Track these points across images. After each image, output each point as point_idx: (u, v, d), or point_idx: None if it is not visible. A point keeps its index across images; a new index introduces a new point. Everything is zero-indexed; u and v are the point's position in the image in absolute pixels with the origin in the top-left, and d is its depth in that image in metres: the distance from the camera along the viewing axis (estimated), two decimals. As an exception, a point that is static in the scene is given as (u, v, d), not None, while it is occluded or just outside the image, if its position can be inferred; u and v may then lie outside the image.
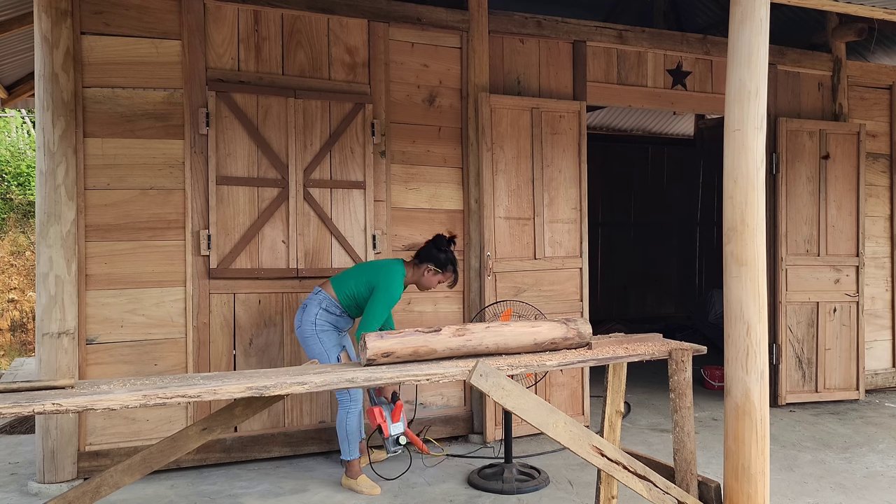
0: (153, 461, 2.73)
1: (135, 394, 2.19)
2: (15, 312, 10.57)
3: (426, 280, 4.01)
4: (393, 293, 3.83)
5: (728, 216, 2.84)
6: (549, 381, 5.04)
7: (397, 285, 3.86)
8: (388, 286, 3.83)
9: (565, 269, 5.16)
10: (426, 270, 3.99)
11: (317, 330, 3.89)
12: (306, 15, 4.54)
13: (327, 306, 3.93)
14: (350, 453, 3.98)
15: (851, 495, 3.93)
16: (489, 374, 2.57)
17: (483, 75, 4.94)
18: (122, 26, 4.16)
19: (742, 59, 2.80)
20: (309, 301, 3.96)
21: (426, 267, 3.99)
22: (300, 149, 4.47)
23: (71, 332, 3.97)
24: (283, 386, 2.34)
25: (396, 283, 3.86)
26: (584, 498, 3.85)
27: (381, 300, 3.79)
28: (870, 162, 6.28)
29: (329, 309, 3.93)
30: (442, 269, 3.99)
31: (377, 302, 3.79)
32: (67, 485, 3.94)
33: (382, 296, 3.80)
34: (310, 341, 3.90)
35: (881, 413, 5.73)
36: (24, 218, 11.30)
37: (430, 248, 4.01)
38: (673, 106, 5.81)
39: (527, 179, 5.04)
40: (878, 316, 6.36)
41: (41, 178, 3.97)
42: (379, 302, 3.79)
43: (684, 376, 2.90)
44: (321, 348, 3.87)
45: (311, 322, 3.90)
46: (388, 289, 3.83)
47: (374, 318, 3.75)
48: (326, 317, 3.92)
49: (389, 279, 3.85)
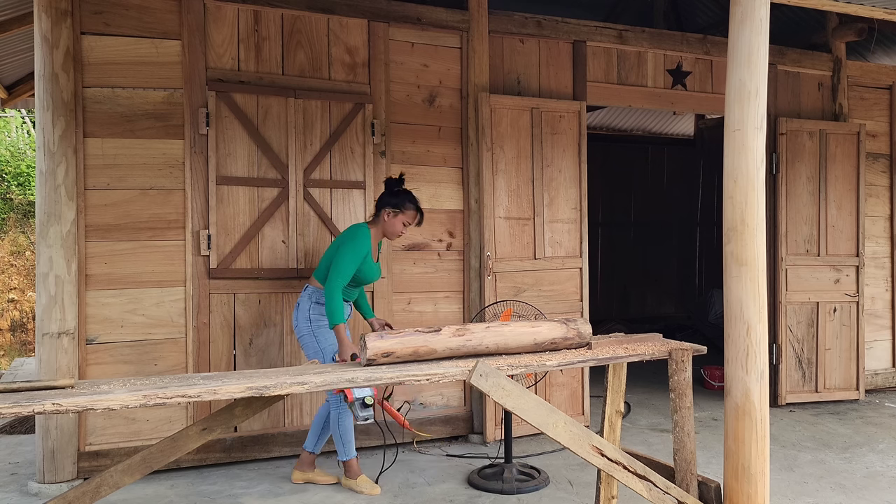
0: (153, 461, 2.73)
1: (135, 394, 2.19)
2: (15, 312, 10.57)
3: (390, 226, 3.94)
4: (357, 245, 3.77)
5: (728, 216, 2.84)
6: (549, 381, 5.04)
7: (362, 238, 3.80)
8: (352, 239, 3.79)
9: (565, 269, 5.16)
10: (385, 216, 3.92)
11: (312, 326, 3.86)
12: (306, 15, 4.54)
13: (318, 298, 3.88)
14: (346, 453, 3.97)
15: (851, 495, 3.93)
16: (489, 374, 2.57)
17: (483, 75, 4.94)
18: (122, 26, 4.16)
19: (742, 59, 2.80)
20: (300, 299, 3.94)
21: (384, 213, 3.92)
22: (300, 149, 4.47)
23: (71, 332, 3.97)
24: (283, 386, 2.34)
25: (360, 236, 3.81)
26: (584, 498, 3.85)
27: (346, 253, 3.74)
28: (870, 162, 6.29)
29: (320, 300, 3.88)
30: (400, 208, 3.91)
31: (342, 255, 3.74)
32: (67, 485, 3.94)
33: (347, 248, 3.76)
34: (306, 339, 3.88)
35: (881, 413, 5.73)
36: (24, 218, 11.30)
37: (381, 196, 3.98)
38: (673, 106, 5.81)
39: (527, 179, 5.04)
40: (878, 316, 6.36)
41: (41, 178, 3.97)
42: (343, 255, 3.74)
43: (684, 376, 2.90)
44: (317, 347, 3.84)
45: (305, 318, 3.88)
46: (352, 240, 3.78)
47: (339, 272, 3.70)
48: (319, 309, 3.87)
49: (352, 235, 3.83)
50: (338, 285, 3.68)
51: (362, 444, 4.66)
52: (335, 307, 3.65)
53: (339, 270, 3.71)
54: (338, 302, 3.66)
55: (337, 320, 3.64)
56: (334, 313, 3.65)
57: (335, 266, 3.72)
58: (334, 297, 3.66)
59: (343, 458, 3.99)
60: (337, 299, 3.66)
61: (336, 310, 3.65)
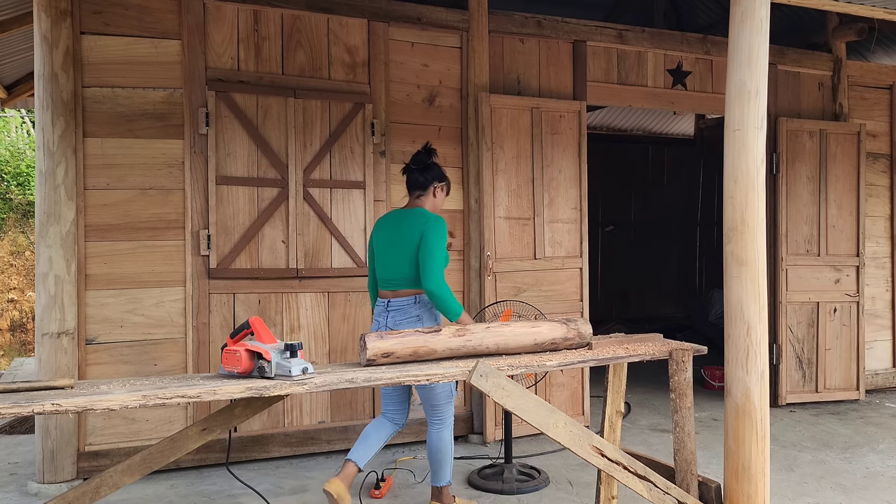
0: (153, 461, 2.72)
1: (134, 394, 2.18)
2: (14, 312, 10.56)
3: (439, 201, 3.57)
4: (441, 228, 3.35)
5: (728, 216, 2.84)
6: (549, 381, 5.04)
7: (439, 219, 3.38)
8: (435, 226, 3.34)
9: (565, 269, 5.15)
10: (436, 191, 3.53)
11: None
12: (306, 15, 4.54)
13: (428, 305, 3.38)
14: (449, 477, 3.49)
15: (852, 495, 3.92)
16: (489, 375, 2.56)
17: (483, 75, 4.94)
18: (121, 26, 4.16)
19: (742, 58, 2.80)
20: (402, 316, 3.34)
21: (435, 188, 3.52)
22: (300, 149, 4.47)
23: (71, 333, 3.96)
24: (283, 386, 2.34)
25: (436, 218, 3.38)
26: (584, 498, 3.85)
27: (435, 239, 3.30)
28: (870, 162, 6.28)
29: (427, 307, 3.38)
30: (446, 179, 3.57)
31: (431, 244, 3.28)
32: (67, 485, 3.93)
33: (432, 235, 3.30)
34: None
35: (881, 413, 5.73)
36: (24, 218, 11.29)
37: (427, 171, 3.49)
38: (673, 106, 5.81)
39: (527, 179, 5.03)
40: (878, 316, 6.36)
41: (41, 178, 3.96)
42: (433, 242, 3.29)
43: (685, 376, 2.90)
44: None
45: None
46: (435, 227, 3.33)
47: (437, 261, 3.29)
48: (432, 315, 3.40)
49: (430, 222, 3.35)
50: (441, 276, 3.28)
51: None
52: (450, 298, 3.25)
53: (436, 259, 3.28)
54: (449, 292, 3.27)
55: (458, 310, 3.26)
56: (451, 305, 3.25)
57: (430, 258, 3.26)
58: (444, 288, 3.25)
59: (444, 483, 3.48)
60: (447, 290, 3.26)
61: (451, 301, 3.25)
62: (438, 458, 3.46)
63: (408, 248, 3.34)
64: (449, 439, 3.46)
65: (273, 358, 2.38)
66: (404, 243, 3.36)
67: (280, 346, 2.43)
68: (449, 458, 3.47)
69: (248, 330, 2.51)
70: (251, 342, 2.45)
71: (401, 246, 3.37)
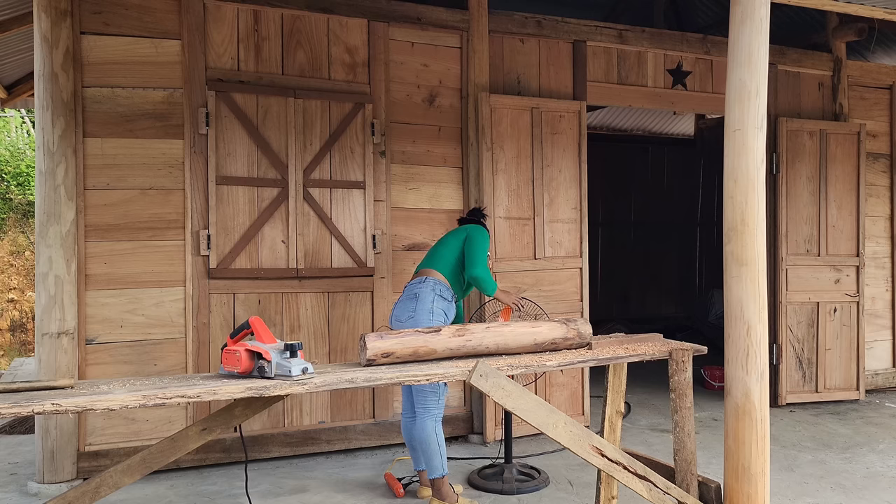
0: (153, 461, 2.72)
1: (134, 394, 2.18)
2: (14, 312, 10.56)
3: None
4: (486, 239, 3.85)
5: (728, 216, 2.84)
6: (549, 381, 5.04)
7: (485, 233, 3.91)
8: (481, 235, 3.85)
9: (565, 269, 5.15)
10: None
11: (434, 320, 3.59)
12: (306, 15, 4.54)
13: (441, 291, 3.68)
14: (442, 467, 3.61)
15: (852, 495, 3.92)
16: (489, 375, 2.56)
17: (483, 75, 4.94)
18: (121, 26, 4.16)
19: (742, 58, 2.80)
20: (419, 290, 3.67)
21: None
22: (300, 149, 4.47)
23: (70, 333, 3.96)
24: (282, 386, 2.34)
25: (483, 231, 3.91)
26: (584, 498, 3.85)
27: (480, 244, 3.79)
28: (870, 162, 6.28)
29: (443, 294, 3.68)
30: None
31: (477, 245, 3.78)
32: (67, 485, 3.93)
33: (478, 240, 3.80)
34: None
35: (881, 413, 5.73)
36: (24, 218, 11.29)
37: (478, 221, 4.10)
38: (673, 106, 5.81)
39: (527, 179, 5.03)
40: (878, 316, 6.36)
41: (41, 178, 3.96)
42: (479, 245, 3.78)
43: (685, 376, 2.90)
44: None
45: (427, 311, 3.59)
46: (481, 236, 3.84)
47: (482, 258, 3.76)
48: (442, 304, 3.65)
49: (479, 230, 3.90)
50: (486, 267, 3.74)
51: (362, 445, 4.66)
52: (489, 278, 3.72)
53: (481, 257, 3.75)
54: (489, 274, 3.74)
55: (494, 285, 3.74)
56: (489, 283, 3.72)
57: (476, 255, 3.74)
58: (486, 273, 3.72)
59: (436, 475, 3.62)
60: (489, 274, 3.74)
61: (490, 279, 3.72)
62: (425, 450, 3.61)
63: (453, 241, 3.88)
64: (433, 430, 3.60)
65: (273, 358, 2.39)
66: (450, 238, 3.92)
67: (280, 346, 2.43)
68: (437, 450, 3.60)
69: (248, 330, 2.51)
70: (251, 342, 2.45)
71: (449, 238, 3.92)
